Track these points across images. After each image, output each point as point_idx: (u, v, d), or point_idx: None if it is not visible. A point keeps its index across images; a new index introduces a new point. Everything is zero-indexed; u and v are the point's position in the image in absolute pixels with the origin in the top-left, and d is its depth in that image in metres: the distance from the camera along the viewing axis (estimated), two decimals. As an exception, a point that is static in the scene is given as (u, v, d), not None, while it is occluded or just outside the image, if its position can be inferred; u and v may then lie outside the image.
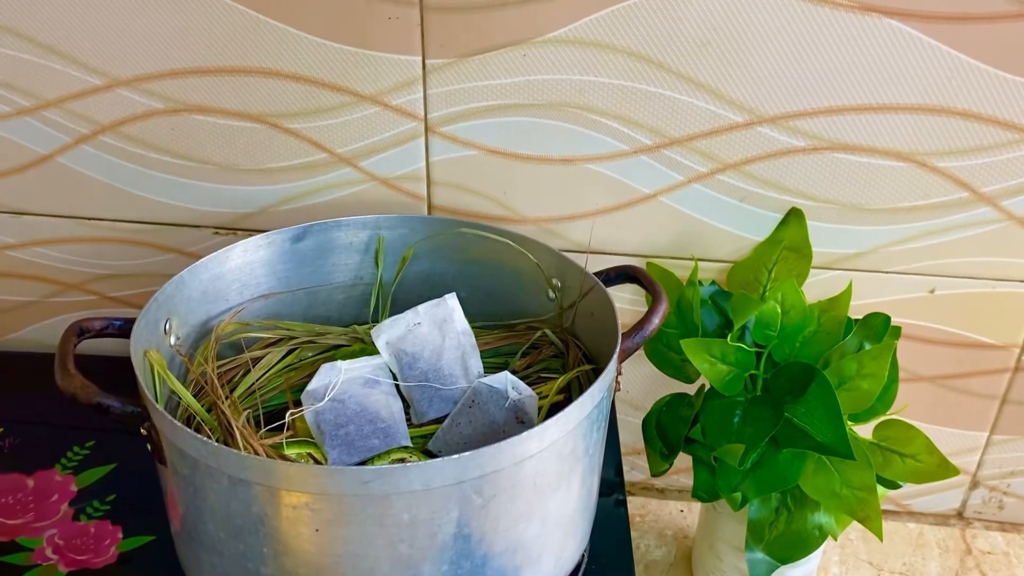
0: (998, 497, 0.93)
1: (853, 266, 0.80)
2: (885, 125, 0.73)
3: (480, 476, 0.50)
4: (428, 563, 0.53)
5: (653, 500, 0.95)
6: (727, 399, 0.71)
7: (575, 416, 0.54)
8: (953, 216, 0.77)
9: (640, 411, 0.90)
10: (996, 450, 0.90)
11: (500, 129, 0.76)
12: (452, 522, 0.51)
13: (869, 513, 0.68)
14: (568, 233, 0.81)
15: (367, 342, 0.70)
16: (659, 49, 0.71)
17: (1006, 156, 0.73)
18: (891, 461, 0.71)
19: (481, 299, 0.74)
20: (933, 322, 0.82)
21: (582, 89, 0.73)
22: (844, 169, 0.75)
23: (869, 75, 0.71)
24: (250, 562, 0.53)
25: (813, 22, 0.69)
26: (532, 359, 0.70)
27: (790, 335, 0.72)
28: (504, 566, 0.55)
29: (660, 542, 0.91)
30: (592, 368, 0.67)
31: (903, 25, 0.68)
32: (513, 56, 0.72)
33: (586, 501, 0.61)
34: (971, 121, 0.72)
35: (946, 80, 0.70)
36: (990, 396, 0.86)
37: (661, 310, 0.63)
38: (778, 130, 0.74)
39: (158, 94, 0.77)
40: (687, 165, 0.76)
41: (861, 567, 0.89)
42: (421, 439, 0.63)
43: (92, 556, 0.68)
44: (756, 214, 0.78)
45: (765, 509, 0.73)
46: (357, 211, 0.80)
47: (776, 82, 0.72)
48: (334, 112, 0.76)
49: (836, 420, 0.65)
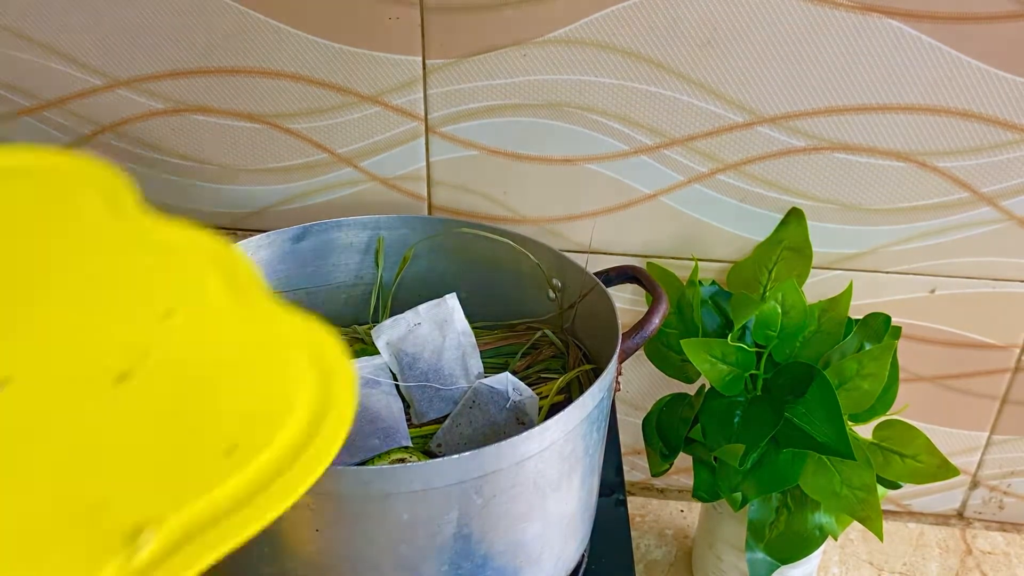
0: (998, 497, 0.93)
1: (853, 266, 0.80)
2: (885, 125, 0.73)
3: (480, 476, 0.50)
4: (428, 563, 0.53)
5: (653, 500, 0.95)
6: (727, 399, 0.71)
7: (575, 416, 0.54)
8: (953, 216, 0.77)
9: (640, 411, 0.90)
10: (996, 450, 0.90)
11: (500, 129, 0.76)
12: (452, 522, 0.51)
13: (869, 513, 0.68)
14: (568, 233, 0.81)
15: (367, 342, 0.70)
16: (659, 49, 0.71)
17: (1006, 156, 0.73)
18: (891, 461, 0.71)
19: (481, 299, 0.74)
20: (933, 322, 0.82)
21: (582, 89, 0.73)
22: (844, 169, 0.75)
23: (869, 75, 0.71)
24: (250, 562, 0.53)
25: (813, 22, 0.69)
26: (532, 359, 0.70)
27: (790, 335, 0.72)
28: (504, 566, 0.55)
29: (660, 542, 0.91)
30: (592, 368, 0.67)
31: (903, 25, 0.68)
32: (513, 56, 0.72)
33: (586, 501, 0.61)
34: (971, 121, 0.72)
35: (946, 80, 0.70)
36: (990, 396, 0.86)
37: (661, 310, 0.63)
38: (778, 130, 0.74)
39: (158, 94, 0.77)
40: (687, 165, 0.76)
41: (861, 567, 0.89)
42: (421, 439, 0.63)
43: (92, 556, 0.68)
44: (756, 214, 0.78)
45: (765, 509, 0.73)
46: (357, 211, 0.80)
47: (776, 82, 0.72)
48: (335, 112, 0.77)
49: (836, 420, 0.65)
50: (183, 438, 0.35)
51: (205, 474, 0.33)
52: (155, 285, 0.41)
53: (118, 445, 0.34)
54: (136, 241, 0.44)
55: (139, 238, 0.44)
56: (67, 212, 0.45)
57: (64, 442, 0.34)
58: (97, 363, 0.36)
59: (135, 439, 0.34)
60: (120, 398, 0.35)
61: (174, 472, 0.34)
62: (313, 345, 0.38)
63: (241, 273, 0.41)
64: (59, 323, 0.38)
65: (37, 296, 0.40)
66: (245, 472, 0.33)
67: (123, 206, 0.46)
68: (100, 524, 0.31)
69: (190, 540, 0.32)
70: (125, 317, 0.39)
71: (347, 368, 0.37)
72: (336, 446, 0.35)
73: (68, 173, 0.47)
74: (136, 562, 0.30)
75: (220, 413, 0.36)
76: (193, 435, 0.35)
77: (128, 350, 0.37)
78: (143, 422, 0.35)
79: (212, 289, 0.41)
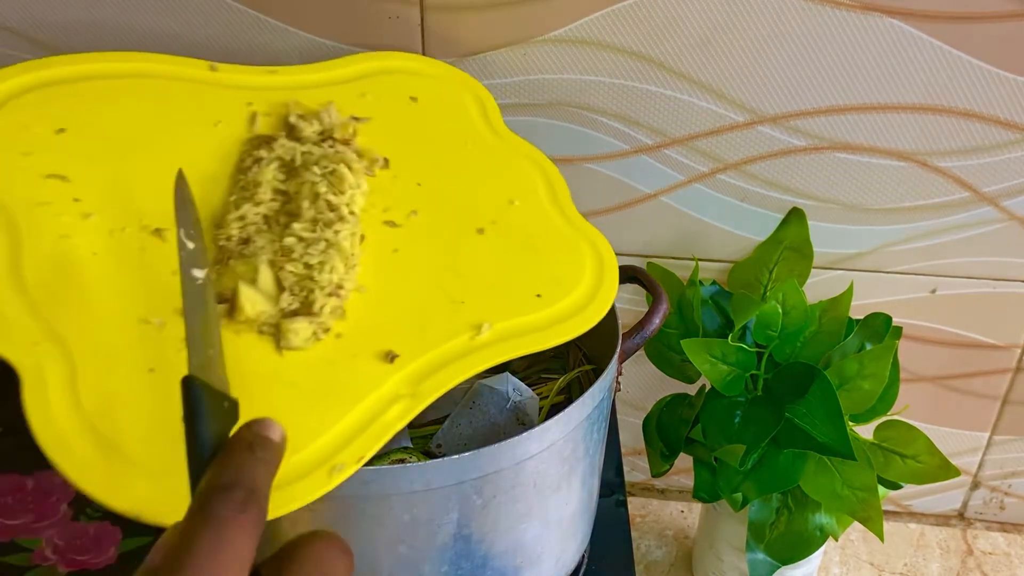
0: (999, 497, 0.93)
1: (854, 266, 0.80)
2: (886, 125, 0.73)
3: (480, 476, 0.50)
4: (428, 563, 0.53)
5: (654, 501, 0.95)
6: (728, 399, 0.71)
7: (575, 417, 0.54)
8: (954, 216, 0.77)
9: (640, 411, 0.90)
10: (997, 450, 0.89)
11: (500, 129, 0.76)
12: (452, 522, 0.51)
13: (870, 514, 0.68)
14: (568, 233, 0.81)
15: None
16: (659, 48, 0.71)
17: (1008, 156, 0.73)
18: (892, 462, 0.71)
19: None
20: (934, 322, 0.82)
21: (582, 89, 0.73)
22: (845, 169, 0.75)
23: (870, 74, 0.71)
24: (250, 563, 0.53)
25: (814, 21, 0.69)
26: (532, 359, 0.70)
27: (791, 335, 0.72)
28: (504, 567, 0.55)
29: (661, 543, 0.91)
30: (592, 368, 0.67)
31: (904, 24, 0.68)
32: (513, 56, 0.72)
33: (586, 502, 0.61)
34: (973, 121, 0.72)
35: (947, 80, 0.70)
36: (991, 396, 0.86)
37: (662, 310, 0.63)
38: (779, 130, 0.74)
39: None
40: (688, 165, 0.76)
41: (862, 567, 0.89)
42: (421, 439, 0.63)
43: (92, 556, 0.68)
44: (757, 214, 0.78)
45: (766, 510, 0.73)
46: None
47: (777, 81, 0.72)
48: (334, 112, 0.76)
49: (837, 420, 0.65)
50: (511, 278, 0.55)
51: (521, 304, 0.53)
52: (505, 180, 0.61)
53: (473, 271, 0.54)
54: (497, 145, 0.64)
55: (499, 143, 0.64)
56: (454, 110, 0.65)
57: (442, 260, 0.54)
58: (466, 220, 0.57)
59: (483, 270, 0.54)
60: (478, 243, 0.56)
61: (502, 298, 0.53)
62: (594, 241, 0.59)
63: (558, 187, 0.62)
64: (444, 186, 0.59)
65: (429, 167, 0.59)
66: (547, 311, 0.53)
67: (490, 115, 0.65)
68: (460, 313, 0.51)
69: (507, 339, 0.51)
70: (486, 197, 0.59)
71: (613, 258, 0.58)
72: (606, 307, 0.55)
73: (455, 81, 0.67)
74: (477, 341, 0.50)
75: (535, 270, 0.56)
76: (517, 278, 0.55)
77: (485, 216, 0.57)
78: (489, 262, 0.55)
79: (540, 193, 0.61)
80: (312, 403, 0.45)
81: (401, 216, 0.56)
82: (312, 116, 0.59)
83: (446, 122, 0.64)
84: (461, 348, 0.50)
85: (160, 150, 0.54)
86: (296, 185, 0.54)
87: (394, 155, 0.59)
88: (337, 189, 0.54)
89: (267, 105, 0.59)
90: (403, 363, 0.48)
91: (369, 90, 0.63)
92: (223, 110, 0.58)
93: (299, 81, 0.62)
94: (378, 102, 0.62)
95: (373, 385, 0.47)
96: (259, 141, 0.56)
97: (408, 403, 0.47)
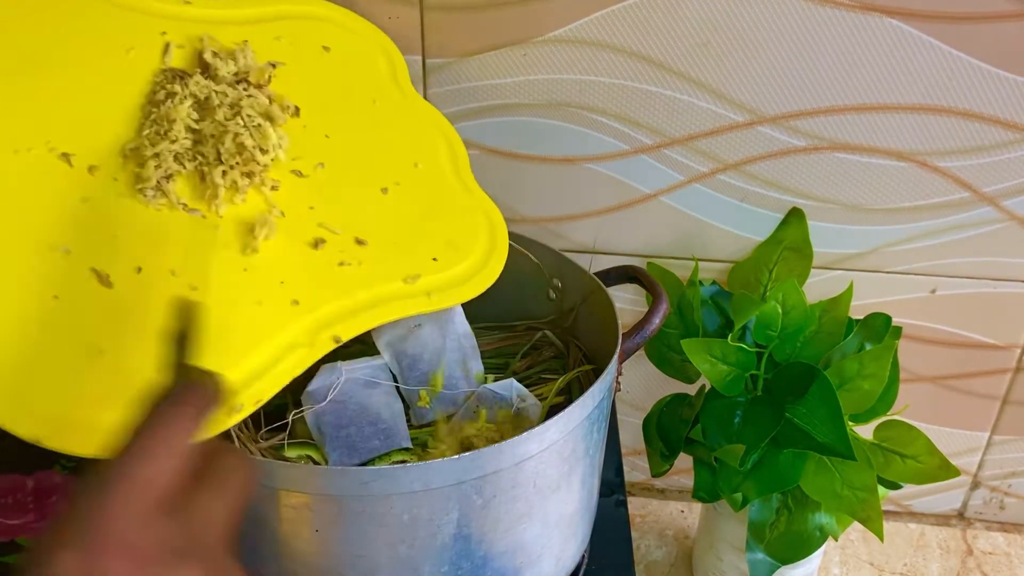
0: (999, 497, 0.93)
1: (854, 266, 0.80)
2: (886, 125, 0.73)
3: (480, 476, 0.50)
4: (428, 563, 0.53)
5: (654, 501, 0.95)
6: (728, 399, 0.71)
7: (575, 417, 0.54)
8: (954, 216, 0.77)
9: (640, 411, 0.89)
10: (997, 450, 0.89)
11: (500, 129, 0.76)
12: (452, 522, 0.51)
13: (870, 514, 0.68)
14: (569, 233, 0.81)
15: (367, 343, 0.70)
16: (659, 49, 0.71)
17: (1007, 156, 0.73)
18: (892, 462, 0.71)
19: (481, 300, 0.73)
20: (934, 322, 0.82)
21: (582, 89, 0.73)
22: (845, 169, 0.75)
23: (870, 75, 0.71)
24: (250, 562, 0.53)
25: (814, 21, 0.69)
26: (532, 360, 0.70)
27: (791, 335, 0.72)
28: (504, 567, 0.55)
29: (661, 543, 0.91)
30: (592, 368, 0.67)
31: (904, 24, 0.68)
32: (513, 56, 0.72)
33: (586, 502, 0.61)
34: (972, 121, 0.72)
35: (947, 80, 0.70)
36: (991, 396, 0.86)
37: (662, 310, 0.63)
38: (779, 130, 0.74)
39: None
40: (688, 165, 0.76)
41: (862, 568, 0.89)
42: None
43: (92, 557, 0.68)
44: (757, 214, 0.78)
45: (766, 510, 0.73)
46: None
47: (777, 81, 0.72)
48: (334, 112, 0.76)
49: (837, 420, 0.65)
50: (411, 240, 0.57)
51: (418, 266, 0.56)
52: (411, 142, 0.62)
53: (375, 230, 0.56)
54: (404, 106, 0.64)
55: (406, 104, 0.64)
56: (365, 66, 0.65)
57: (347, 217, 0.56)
58: (372, 178, 0.59)
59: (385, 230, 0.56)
60: (382, 202, 0.58)
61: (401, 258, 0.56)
62: (488, 211, 0.61)
63: (459, 154, 0.64)
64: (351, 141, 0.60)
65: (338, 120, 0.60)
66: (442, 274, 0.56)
67: (399, 75, 0.66)
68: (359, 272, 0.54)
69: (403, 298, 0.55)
70: (392, 157, 0.60)
71: (503, 227, 0.61)
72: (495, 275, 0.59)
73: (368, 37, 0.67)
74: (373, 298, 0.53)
75: (434, 234, 0.58)
76: (417, 240, 0.57)
77: (390, 177, 0.59)
78: (390, 222, 0.57)
79: (442, 158, 0.62)
80: (216, 339, 0.45)
81: (308, 167, 0.57)
82: (228, 55, 0.58)
83: (356, 77, 0.64)
84: (357, 304, 0.53)
85: (70, 70, 0.53)
86: (214, 127, 0.54)
87: (304, 104, 0.59)
88: (261, 145, 0.54)
89: (181, 37, 0.58)
90: (303, 311, 0.51)
91: (284, 34, 0.62)
92: (136, 36, 0.57)
93: (214, 16, 0.60)
94: (292, 47, 0.62)
95: (274, 329, 0.50)
96: (173, 75, 0.55)
97: (306, 352, 0.50)
